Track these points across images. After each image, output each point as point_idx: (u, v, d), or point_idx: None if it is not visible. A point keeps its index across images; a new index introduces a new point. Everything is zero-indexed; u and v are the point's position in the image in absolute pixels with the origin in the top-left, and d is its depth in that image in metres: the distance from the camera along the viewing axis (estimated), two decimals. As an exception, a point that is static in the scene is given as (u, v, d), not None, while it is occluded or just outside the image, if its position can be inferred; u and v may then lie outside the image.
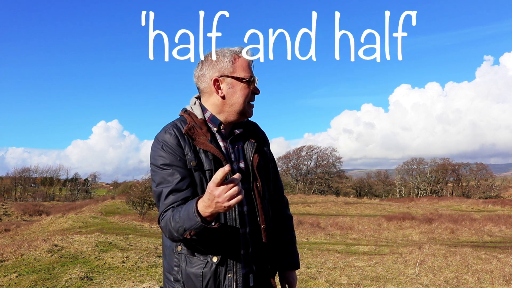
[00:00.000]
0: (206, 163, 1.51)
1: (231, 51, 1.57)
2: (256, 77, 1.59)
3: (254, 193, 1.60)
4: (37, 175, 68.33)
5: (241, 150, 1.63)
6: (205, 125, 1.56)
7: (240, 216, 1.54)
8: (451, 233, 14.89)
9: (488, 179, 54.05)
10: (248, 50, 1.56)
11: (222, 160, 1.51)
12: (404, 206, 32.11)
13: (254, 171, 1.61)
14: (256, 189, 1.60)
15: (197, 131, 1.53)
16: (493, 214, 23.67)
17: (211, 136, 1.55)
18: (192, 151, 1.50)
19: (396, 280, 5.93)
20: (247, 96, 1.56)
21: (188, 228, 1.35)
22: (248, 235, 1.56)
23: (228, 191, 1.26)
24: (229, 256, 1.50)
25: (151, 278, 5.48)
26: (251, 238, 1.57)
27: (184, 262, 1.51)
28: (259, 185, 1.61)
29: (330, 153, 56.04)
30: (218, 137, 1.59)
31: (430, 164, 57.21)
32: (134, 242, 8.91)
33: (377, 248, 10.43)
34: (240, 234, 1.54)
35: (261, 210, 1.60)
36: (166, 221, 1.44)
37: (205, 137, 1.53)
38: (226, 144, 1.60)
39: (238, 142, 1.64)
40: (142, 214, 19.20)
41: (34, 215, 28.84)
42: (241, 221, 1.54)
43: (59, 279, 5.26)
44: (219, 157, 1.51)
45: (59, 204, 45.03)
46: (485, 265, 7.14)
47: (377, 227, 17.31)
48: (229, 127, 1.63)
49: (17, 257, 6.55)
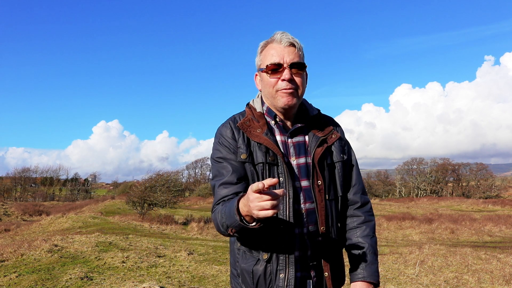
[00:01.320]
0: (258, 156, 1.47)
1: (263, 43, 1.54)
2: (283, 62, 1.45)
3: (315, 192, 1.48)
4: (37, 175, 68.36)
5: (302, 144, 1.52)
6: (263, 118, 1.53)
7: (295, 215, 1.45)
8: (451, 233, 14.89)
9: (488, 179, 54.00)
10: (276, 36, 1.50)
11: (275, 152, 1.45)
12: (404, 206, 32.11)
13: (315, 167, 1.49)
14: (318, 187, 1.48)
15: (254, 124, 1.51)
16: (493, 214, 23.67)
17: (267, 129, 1.50)
18: (245, 144, 1.48)
19: (396, 280, 5.93)
20: (271, 85, 1.48)
21: (230, 225, 1.33)
22: (306, 236, 1.47)
23: (261, 202, 1.16)
24: (281, 256, 1.44)
25: (151, 278, 5.48)
26: (309, 240, 1.47)
27: (241, 258, 1.51)
28: (321, 182, 1.49)
29: (330, 153, 56.01)
30: (276, 130, 1.53)
31: (430, 164, 57.19)
32: (134, 242, 8.91)
33: (377, 248, 10.42)
34: (296, 235, 1.45)
35: (321, 210, 1.47)
36: (215, 215, 1.43)
37: (261, 130, 1.49)
38: (285, 138, 1.52)
39: (301, 136, 1.54)
40: (142, 214, 19.19)
41: (34, 215, 28.83)
42: (297, 221, 1.45)
43: (59, 279, 5.26)
44: (273, 149, 1.45)
45: (59, 204, 45.01)
46: (485, 265, 7.14)
47: (377, 227, 17.29)
48: (290, 119, 1.54)
49: (17, 257, 6.54)
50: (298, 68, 1.47)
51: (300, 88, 1.48)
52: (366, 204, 1.61)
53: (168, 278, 5.58)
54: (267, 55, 1.49)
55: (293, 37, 1.49)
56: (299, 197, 1.47)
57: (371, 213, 1.61)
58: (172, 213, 22.05)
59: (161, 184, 20.54)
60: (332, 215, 1.52)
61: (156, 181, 20.60)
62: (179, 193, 23.96)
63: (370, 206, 1.62)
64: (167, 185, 20.91)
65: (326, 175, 1.51)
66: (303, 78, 1.49)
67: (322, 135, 1.53)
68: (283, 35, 1.48)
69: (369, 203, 1.62)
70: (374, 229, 1.59)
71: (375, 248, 1.56)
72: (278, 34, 1.49)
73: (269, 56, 1.48)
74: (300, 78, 1.48)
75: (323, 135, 1.54)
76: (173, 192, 21.08)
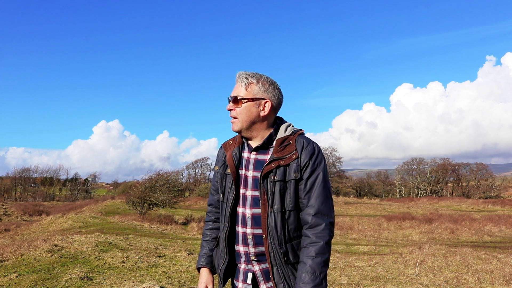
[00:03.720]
0: (224, 167, 1.87)
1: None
2: (230, 96, 1.81)
3: (261, 201, 1.72)
4: (37, 175, 68.38)
5: (262, 161, 1.78)
6: (241, 139, 1.87)
7: (242, 217, 1.78)
8: (451, 233, 14.90)
9: (488, 179, 54.02)
10: (237, 74, 1.84)
11: (229, 165, 1.81)
12: (404, 206, 32.12)
13: (260, 181, 1.72)
14: (262, 198, 1.72)
15: (234, 143, 1.87)
16: (493, 214, 23.69)
17: (238, 147, 1.84)
18: (223, 159, 1.89)
19: (396, 280, 5.93)
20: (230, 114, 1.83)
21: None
22: (250, 235, 1.76)
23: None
24: (222, 246, 1.85)
25: (151, 278, 5.49)
26: (253, 239, 1.76)
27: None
28: (265, 196, 1.71)
29: (330, 153, 56.03)
30: (246, 148, 1.84)
31: (430, 164, 57.20)
32: (134, 242, 8.92)
33: (377, 248, 10.44)
34: (239, 233, 1.79)
35: (264, 219, 1.71)
36: (204, 227, 2.04)
37: (234, 147, 1.85)
38: (249, 155, 1.81)
39: (265, 154, 1.79)
40: (142, 214, 19.19)
41: (34, 215, 28.85)
42: (241, 222, 1.79)
43: (59, 279, 5.26)
44: (228, 163, 1.82)
45: (59, 204, 45.03)
46: (485, 265, 7.14)
47: (377, 227, 17.32)
48: (254, 140, 1.83)
49: (17, 257, 6.55)
50: (234, 100, 1.78)
51: (239, 116, 1.77)
52: (317, 226, 1.68)
53: (168, 278, 5.58)
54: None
55: (248, 72, 1.79)
56: (246, 203, 1.78)
57: (321, 235, 1.67)
58: (172, 213, 22.06)
59: (161, 184, 20.53)
60: (276, 225, 1.70)
61: (156, 181, 20.59)
62: (179, 193, 23.95)
63: (322, 228, 1.67)
64: (167, 185, 20.90)
65: (272, 189, 1.71)
66: (243, 108, 1.77)
67: (277, 155, 1.73)
68: (238, 74, 1.81)
69: (322, 225, 1.68)
70: (322, 250, 1.64)
71: (315, 269, 1.62)
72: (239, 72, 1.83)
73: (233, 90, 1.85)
74: (239, 108, 1.77)
75: (279, 155, 1.73)
76: (173, 192, 21.07)
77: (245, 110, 1.77)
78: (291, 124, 1.86)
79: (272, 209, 1.71)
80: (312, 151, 1.74)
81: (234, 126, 1.80)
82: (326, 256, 1.65)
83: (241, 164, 1.81)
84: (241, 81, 1.79)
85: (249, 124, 1.78)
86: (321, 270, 1.63)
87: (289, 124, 1.85)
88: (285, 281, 1.70)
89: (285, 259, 1.70)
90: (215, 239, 1.94)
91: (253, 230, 1.74)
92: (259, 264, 1.77)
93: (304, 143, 1.76)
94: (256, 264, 1.77)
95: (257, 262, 1.77)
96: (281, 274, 1.70)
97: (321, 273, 1.63)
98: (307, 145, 1.76)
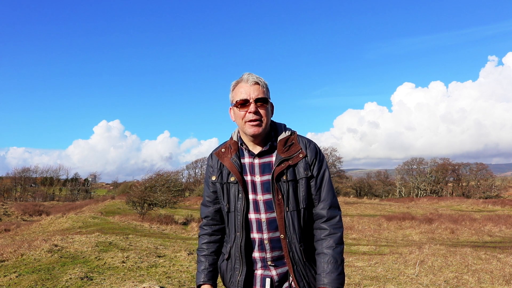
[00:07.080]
0: (224, 176, 1.81)
1: (234, 83, 1.82)
2: (249, 98, 1.73)
3: (275, 204, 1.72)
4: (37, 175, 68.40)
5: (267, 164, 1.77)
6: (236, 145, 1.83)
7: (257, 223, 1.75)
8: (451, 233, 14.89)
9: (488, 179, 54.00)
10: (244, 77, 1.79)
11: (234, 173, 1.76)
12: (404, 206, 32.11)
13: (274, 183, 1.72)
14: (277, 200, 1.72)
15: (228, 150, 1.83)
16: (493, 214, 23.68)
17: (236, 154, 1.80)
18: (218, 168, 1.83)
19: (396, 280, 5.93)
20: (240, 117, 1.76)
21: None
22: (266, 241, 1.74)
23: None
24: (237, 255, 1.78)
25: (151, 278, 5.49)
26: (269, 244, 1.75)
27: (221, 256, 1.93)
28: (280, 196, 1.72)
29: (330, 153, 56.02)
30: (245, 153, 1.81)
31: (430, 164, 57.19)
32: (134, 242, 8.92)
33: (377, 248, 10.44)
34: (255, 239, 1.76)
35: (280, 220, 1.72)
36: (199, 241, 1.94)
37: (230, 155, 1.80)
38: (252, 160, 1.79)
39: (268, 157, 1.78)
40: (142, 214, 19.18)
41: (34, 215, 28.86)
42: (257, 228, 1.76)
43: (59, 279, 5.26)
44: (232, 170, 1.77)
45: (59, 204, 45.03)
46: (485, 265, 7.14)
47: (377, 227, 17.31)
48: (259, 143, 1.79)
49: (17, 257, 6.55)
50: (262, 102, 1.74)
51: (265, 118, 1.75)
52: (332, 218, 1.77)
53: (168, 278, 5.58)
54: (237, 93, 1.78)
55: (258, 76, 1.78)
56: (259, 208, 1.75)
57: (337, 226, 1.76)
58: (172, 213, 22.05)
59: (161, 184, 20.54)
60: (293, 224, 1.73)
61: (156, 181, 20.59)
62: (179, 193, 23.95)
63: (337, 220, 1.78)
64: (167, 185, 20.90)
65: (286, 190, 1.73)
66: (267, 110, 1.76)
67: (285, 155, 1.75)
68: (250, 76, 1.77)
69: (337, 217, 1.78)
70: (340, 240, 1.74)
71: (337, 258, 1.71)
72: (245, 75, 1.79)
73: (238, 93, 1.77)
74: (264, 110, 1.75)
75: (286, 156, 1.75)
76: (173, 192, 21.07)
77: (268, 112, 1.78)
78: (284, 124, 1.89)
79: (288, 209, 1.72)
80: (315, 149, 1.81)
81: (258, 128, 1.73)
82: (343, 246, 1.75)
83: (245, 170, 1.78)
84: (259, 83, 1.76)
85: (268, 127, 1.80)
86: (342, 259, 1.72)
87: (282, 123, 1.89)
88: (304, 279, 1.74)
89: (304, 257, 1.74)
90: (214, 253, 1.88)
91: (269, 234, 1.74)
92: (276, 269, 1.77)
93: (306, 142, 1.82)
94: (273, 269, 1.77)
95: (274, 267, 1.77)
96: (301, 273, 1.73)
97: (342, 262, 1.72)
98: (309, 143, 1.82)
